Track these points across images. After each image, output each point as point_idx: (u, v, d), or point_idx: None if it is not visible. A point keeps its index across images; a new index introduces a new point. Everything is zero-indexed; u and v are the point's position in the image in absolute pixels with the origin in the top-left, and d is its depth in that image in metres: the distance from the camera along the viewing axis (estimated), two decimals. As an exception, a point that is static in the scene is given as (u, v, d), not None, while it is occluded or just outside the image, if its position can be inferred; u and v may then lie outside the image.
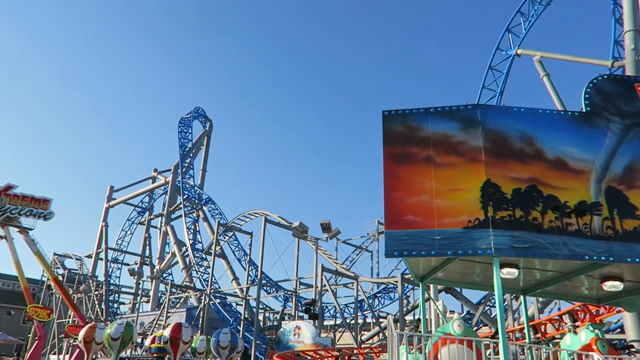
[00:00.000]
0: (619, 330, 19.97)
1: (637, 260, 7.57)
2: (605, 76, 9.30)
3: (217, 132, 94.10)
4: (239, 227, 42.45)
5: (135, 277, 58.42)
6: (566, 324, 15.97)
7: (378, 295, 38.18)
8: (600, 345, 8.01)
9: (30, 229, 37.95)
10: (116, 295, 59.41)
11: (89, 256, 62.90)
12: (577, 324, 15.31)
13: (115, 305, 58.39)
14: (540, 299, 21.60)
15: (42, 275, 58.33)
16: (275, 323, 39.11)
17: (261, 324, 37.73)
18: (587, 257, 7.59)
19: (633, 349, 13.62)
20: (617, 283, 8.54)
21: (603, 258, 7.58)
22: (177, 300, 44.27)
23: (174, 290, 41.32)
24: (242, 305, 36.64)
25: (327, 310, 38.99)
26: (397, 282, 27.25)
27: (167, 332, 17.65)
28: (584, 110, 8.76)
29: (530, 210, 7.80)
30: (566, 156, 8.23)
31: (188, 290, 44.32)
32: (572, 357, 7.90)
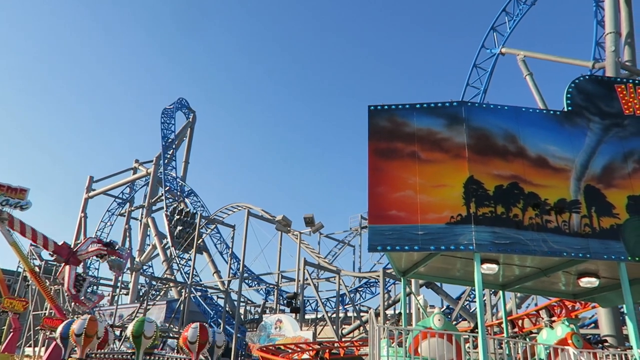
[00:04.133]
0: (593, 325, 20.46)
1: (613, 257, 7.78)
2: (587, 77, 9.48)
3: (201, 124, 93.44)
4: (221, 220, 42.23)
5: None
6: (543, 318, 16.36)
7: (360, 289, 38.44)
8: (575, 339, 8.20)
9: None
10: (95, 287, 58.67)
11: (68, 247, 61.92)
12: (553, 319, 15.69)
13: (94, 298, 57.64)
14: (519, 295, 22.00)
15: (18, 267, 57.29)
16: (257, 316, 39.10)
17: (242, 317, 37.70)
18: (565, 254, 7.76)
19: (606, 343, 14.00)
20: (593, 279, 8.76)
21: (580, 255, 7.76)
22: (158, 293, 43.93)
23: (154, 282, 40.99)
24: (223, 298, 36.53)
25: (308, 303, 39.11)
26: (378, 276, 27.44)
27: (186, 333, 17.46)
28: (565, 109, 8.92)
29: (512, 207, 7.93)
30: (547, 154, 8.38)
31: (169, 283, 44.01)
32: (548, 351, 8.07)
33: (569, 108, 8.88)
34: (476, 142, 8.34)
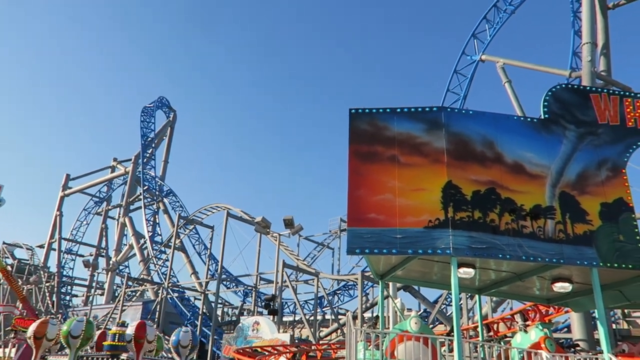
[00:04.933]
0: (566, 329, 20.83)
1: (586, 263, 7.94)
2: (563, 85, 9.67)
3: (182, 124, 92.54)
4: (200, 221, 41.82)
5: (90, 269, 56.68)
6: (517, 323, 16.60)
7: (338, 292, 38.45)
8: (548, 343, 8.34)
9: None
10: (69, 287, 57.51)
11: (41, 246, 60.59)
12: (527, 323, 15.93)
13: (68, 298, 56.53)
14: (494, 299, 22.27)
15: (-10, 265, 55.79)
16: (234, 318, 38.81)
17: (220, 319, 37.36)
18: (539, 259, 7.89)
19: (578, 347, 14.27)
20: (567, 284, 8.92)
21: (554, 260, 7.90)
22: (133, 293, 43.26)
23: (130, 283, 40.35)
24: (200, 299, 36.15)
25: (286, 306, 38.96)
26: (357, 279, 27.51)
27: (130, 331, 16.95)
28: (542, 117, 9.09)
29: (488, 212, 8.04)
30: (524, 161, 8.52)
31: (145, 284, 43.38)
32: (522, 354, 8.19)
33: (546, 116, 9.05)
34: (455, 148, 8.43)
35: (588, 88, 10.21)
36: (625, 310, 17.01)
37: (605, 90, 9.68)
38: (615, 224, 8.25)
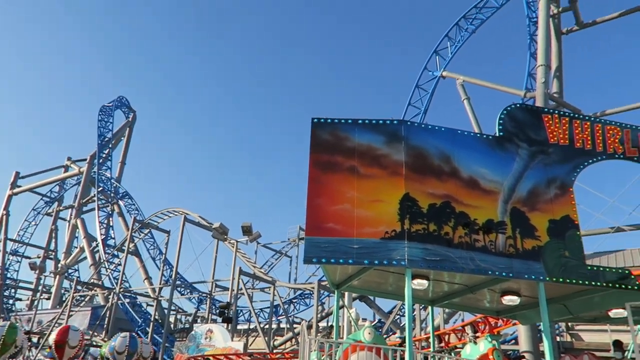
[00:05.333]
0: (513, 341, 21.46)
1: (533, 277, 8.22)
2: (518, 105, 10.03)
3: (142, 125, 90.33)
4: (156, 225, 40.84)
5: (37, 271, 54.24)
6: (468, 334, 16.97)
7: (294, 300, 38.30)
8: (496, 355, 8.59)
9: None
10: (12, 290, 54.79)
11: (-16, 246, 57.51)
12: (477, 334, 16.31)
13: (11, 302, 53.83)
14: (447, 310, 22.73)
15: None
16: (187, 326, 37.95)
17: (172, 326, 36.46)
18: (490, 272, 8.11)
19: (524, 359, 14.72)
20: (515, 297, 9.22)
21: (504, 274, 8.14)
22: (82, 298, 41.65)
23: (79, 287, 38.85)
24: (153, 305, 35.19)
25: (241, 314, 38.47)
26: (313, 288, 27.49)
27: (52, 336, 16.14)
28: (497, 134, 9.39)
29: (443, 225, 8.21)
30: (479, 176, 8.77)
31: (95, 288, 41.87)
32: (471, 365, 8.38)
33: (501, 133, 9.36)
34: (413, 161, 8.58)
35: (541, 109, 10.62)
36: (569, 324, 17.69)
37: (556, 112, 10.10)
38: (561, 240, 8.59)
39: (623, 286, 8.63)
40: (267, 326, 29.85)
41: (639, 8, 32.87)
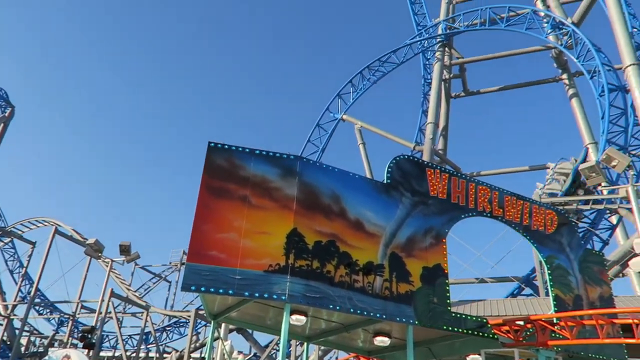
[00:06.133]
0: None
1: (404, 320, 8.68)
2: (406, 156, 10.76)
3: (22, 123, 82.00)
4: (19, 234, 36.75)
5: None
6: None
7: (168, 328, 36.29)
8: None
9: None
10: None
11: None
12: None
13: None
14: (322, 347, 22.97)
15: None
16: (42, 349, 34.08)
17: (23, 349, 32.52)
18: (366, 313, 8.42)
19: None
20: (386, 339, 9.63)
21: (378, 315, 8.50)
22: None
23: None
24: (2, 325, 31.19)
25: (107, 339, 35.51)
26: (190, 316, 26.32)
27: None
28: (385, 181, 9.95)
29: (326, 263, 8.40)
30: (364, 219, 9.17)
31: None
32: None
33: (388, 181, 9.93)
34: (305, 197, 8.75)
35: (426, 163, 11.49)
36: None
37: (439, 167, 11.01)
38: (431, 287, 9.21)
39: (480, 334, 9.42)
40: (134, 354, 27.82)
41: (515, 86, 37.50)
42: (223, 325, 15.59)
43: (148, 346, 34.96)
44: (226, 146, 8.78)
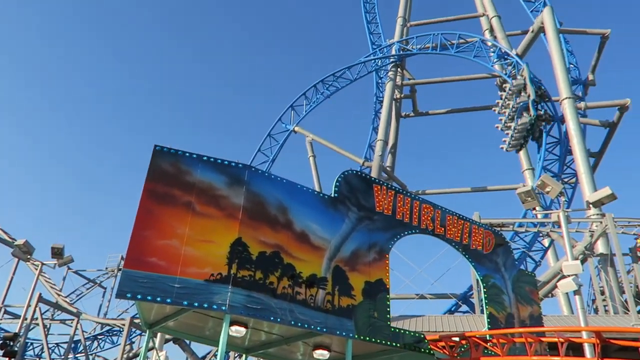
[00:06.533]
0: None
1: (344, 334, 8.72)
2: (354, 171, 10.92)
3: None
4: (-61, 231, 34.07)
5: None
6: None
7: (100, 337, 34.55)
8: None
9: None
10: None
11: None
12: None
13: None
14: (261, 360, 22.62)
15: None
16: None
17: None
18: (306, 326, 8.39)
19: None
20: (325, 352, 9.62)
21: (319, 328, 8.49)
22: None
23: None
24: None
25: (31, 347, 33.39)
26: (124, 325, 25.25)
27: None
28: (333, 195, 10.03)
29: (270, 274, 8.33)
30: (310, 231, 9.18)
31: None
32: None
33: (336, 195, 10.02)
34: (251, 206, 8.67)
35: (373, 179, 11.68)
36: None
37: (386, 184, 11.22)
38: (373, 302, 9.32)
39: (418, 349, 9.61)
40: (60, 364, 26.28)
41: (462, 109, 39.06)
42: (159, 334, 15.06)
43: (76, 355, 33.18)
44: (172, 150, 8.58)
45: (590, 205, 20.38)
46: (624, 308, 19.55)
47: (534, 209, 21.44)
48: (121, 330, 30.58)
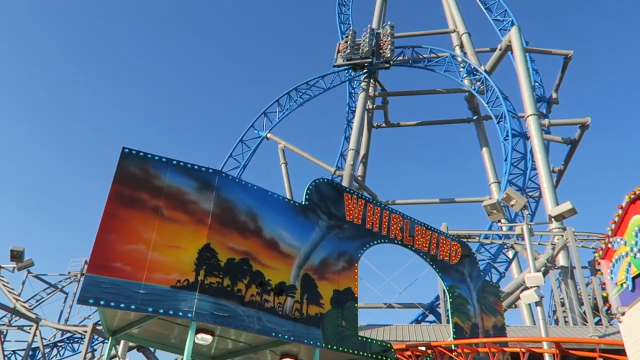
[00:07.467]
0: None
1: (312, 342, 8.69)
2: (326, 180, 10.95)
3: None
4: None
5: None
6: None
7: (60, 344, 33.44)
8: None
9: None
10: None
11: None
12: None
13: None
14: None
15: None
16: None
17: None
18: (274, 334, 8.33)
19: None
20: (293, 361, 9.54)
21: (286, 337, 8.44)
22: None
23: None
24: None
25: (-15, 355, 32.00)
26: (86, 331, 24.53)
27: None
28: (303, 202, 10.03)
29: (238, 281, 8.25)
30: (279, 239, 9.15)
31: None
32: None
33: (306, 202, 10.02)
34: (221, 212, 8.58)
35: (344, 188, 11.75)
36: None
37: (356, 193, 11.30)
38: (341, 310, 9.34)
39: (384, 358, 9.65)
40: (15, 373, 25.28)
41: (432, 122, 39.78)
42: (122, 342, 14.67)
43: (33, 363, 31.99)
44: (141, 153, 8.42)
45: (552, 219, 21.04)
46: (583, 319, 20.16)
47: (499, 221, 21.97)
48: (83, 337, 29.65)
